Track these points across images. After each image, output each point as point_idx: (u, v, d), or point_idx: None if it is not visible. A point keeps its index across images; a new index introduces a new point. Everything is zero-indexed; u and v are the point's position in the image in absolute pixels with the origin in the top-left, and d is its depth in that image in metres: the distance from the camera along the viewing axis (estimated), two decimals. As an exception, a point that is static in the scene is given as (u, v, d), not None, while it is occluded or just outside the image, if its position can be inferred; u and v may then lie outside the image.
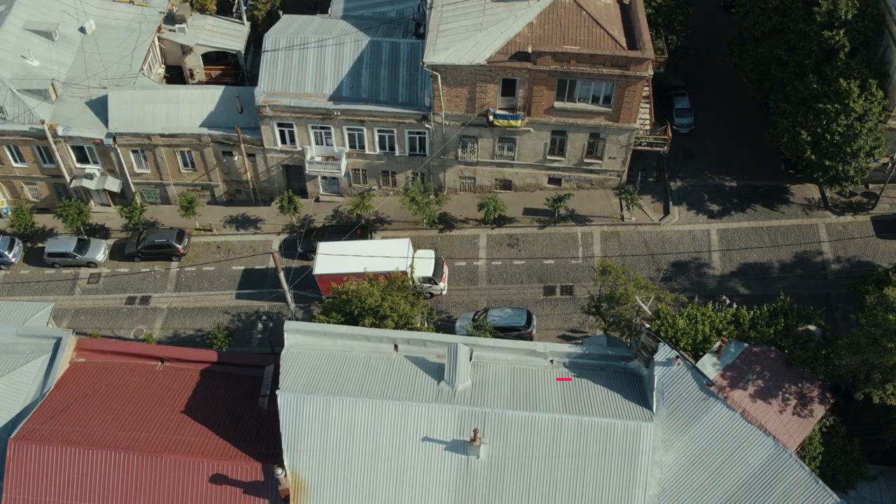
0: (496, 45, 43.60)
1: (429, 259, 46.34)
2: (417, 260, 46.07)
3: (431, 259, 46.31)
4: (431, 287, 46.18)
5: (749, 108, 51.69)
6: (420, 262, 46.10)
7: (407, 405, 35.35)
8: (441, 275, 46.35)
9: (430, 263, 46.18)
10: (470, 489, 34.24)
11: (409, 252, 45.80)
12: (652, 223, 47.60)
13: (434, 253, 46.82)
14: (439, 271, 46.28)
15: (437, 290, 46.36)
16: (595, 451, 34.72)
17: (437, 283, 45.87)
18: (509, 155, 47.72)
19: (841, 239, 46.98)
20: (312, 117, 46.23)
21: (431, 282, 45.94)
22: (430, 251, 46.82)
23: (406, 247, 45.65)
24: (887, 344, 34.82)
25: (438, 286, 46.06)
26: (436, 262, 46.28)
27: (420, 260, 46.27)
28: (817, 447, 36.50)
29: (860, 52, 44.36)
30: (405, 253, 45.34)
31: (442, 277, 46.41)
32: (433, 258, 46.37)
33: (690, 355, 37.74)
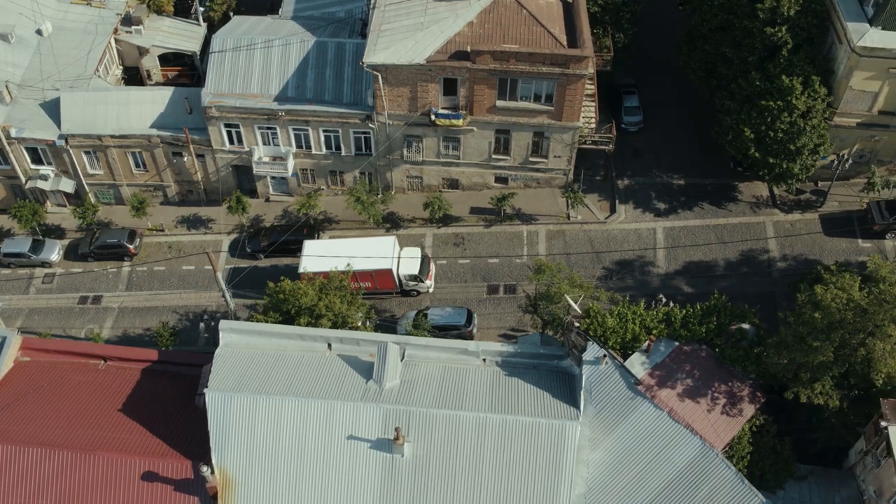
0: (436, 44, 43.35)
1: (415, 257, 45.91)
2: (403, 258, 45.67)
3: (417, 257, 45.88)
4: (418, 285, 45.77)
5: (699, 106, 51.00)
6: (406, 260, 45.70)
7: (333, 404, 35.37)
8: (427, 272, 46.00)
9: (416, 261, 45.78)
10: (394, 487, 34.20)
11: (395, 250, 45.54)
12: (598, 222, 47.16)
13: (420, 251, 46.39)
14: (425, 269, 45.92)
15: (424, 287, 46.00)
16: (520, 450, 34.53)
17: (424, 280, 45.55)
18: (455, 154, 47.45)
19: (789, 237, 46.35)
20: (258, 118, 46.13)
21: (417, 279, 45.51)
22: (416, 249, 46.47)
23: (392, 245, 45.41)
24: (813, 343, 34.28)
25: (425, 284, 45.73)
26: (422, 260, 45.89)
27: (406, 258, 45.84)
28: (746, 446, 35.98)
29: (803, 48, 43.74)
30: (391, 251, 45.11)
31: (428, 275, 46.04)
32: (419, 256, 45.93)
33: (620, 354, 37.36)
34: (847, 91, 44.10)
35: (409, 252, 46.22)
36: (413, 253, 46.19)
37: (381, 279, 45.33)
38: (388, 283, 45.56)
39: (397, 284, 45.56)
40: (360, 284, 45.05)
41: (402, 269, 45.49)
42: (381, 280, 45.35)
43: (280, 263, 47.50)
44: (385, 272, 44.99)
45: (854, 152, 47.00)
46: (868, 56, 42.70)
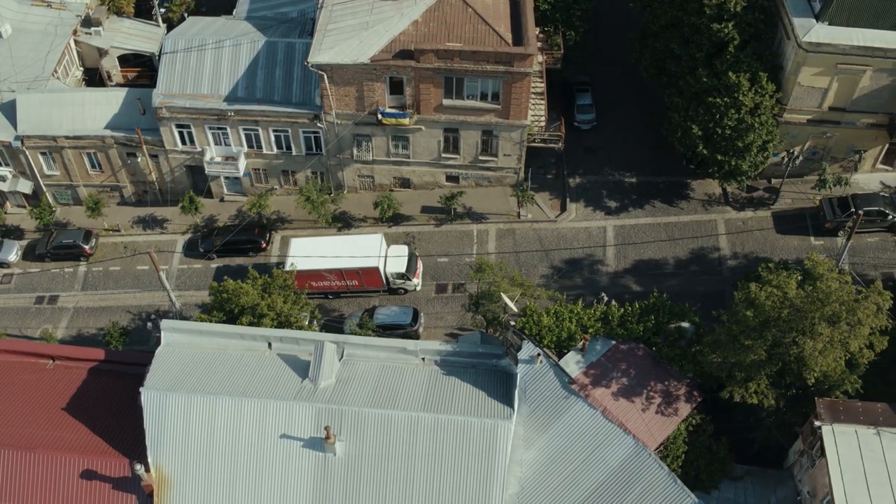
0: (380, 43, 43.00)
1: (402, 255, 45.25)
2: (390, 256, 45.03)
3: (405, 255, 45.23)
4: (405, 283, 45.14)
5: (653, 104, 50.28)
6: (393, 258, 45.09)
7: (266, 403, 35.03)
8: (415, 271, 45.44)
9: (404, 259, 45.11)
10: (327, 486, 33.87)
11: (383, 248, 44.99)
12: (548, 220, 46.64)
13: (407, 249, 45.74)
14: (413, 267, 45.31)
15: (411, 286, 45.41)
16: (452, 450, 34.06)
17: (411, 279, 45.04)
18: (404, 153, 47.06)
19: (740, 234, 45.70)
20: (208, 118, 45.95)
21: (405, 278, 44.85)
22: (403, 247, 45.82)
23: (379, 243, 44.85)
24: (745, 341, 33.74)
25: (412, 282, 45.19)
26: (409, 258, 45.25)
27: (393, 255, 45.19)
28: (681, 446, 35.50)
29: (751, 44, 43.03)
30: (378, 249, 44.53)
31: (416, 273, 45.44)
32: (406, 254, 45.28)
33: (555, 353, 36.96)
34: (796, 87, 43.35)
35: (396, 250, 45.55)
36: (400, 251, 45.47)
37: (367, 277, 44.71)
38: (374, 281, 44.91)
39: (384, 282, 45.08)
40: (346, 282, 44.92)
41: (389, 268, 44.80)
42: (368, 278, 44.74)
43: (233, 263, 47.39)
44: (372, 270, 44.33)
45: (806, 149, 46.25)
46: (815, 52, 41.95)
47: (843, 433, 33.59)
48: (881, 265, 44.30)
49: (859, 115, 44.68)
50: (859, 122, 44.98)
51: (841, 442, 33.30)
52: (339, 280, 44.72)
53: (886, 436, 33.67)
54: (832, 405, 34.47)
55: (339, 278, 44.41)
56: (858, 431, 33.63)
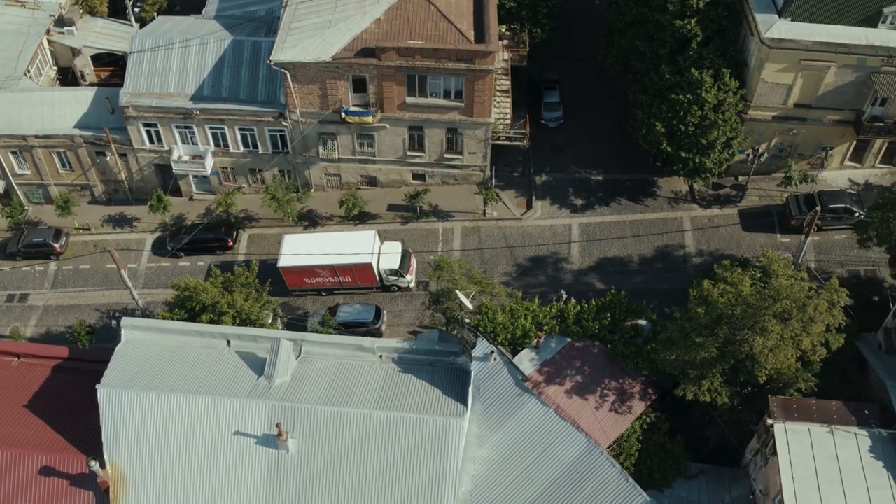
0: (343, 41, 42.81)
1: (395, 251, 44.66)
2: (384, 252, 44.45)
3: (398, 251, 44.66)
4: (398, 280, 44.61)
5: (621, 102, 49.77)
6: (386, 255, 44.48)
7: (220, 400, 35.06)
8: (408, 267, 44.91)
9: (397, 256, 44.56)
10: (280, 483, 33.83)
11: (376, 244, 44.54)
12: (513, 218, 46.38)
13: (401, 245, 45.15)
14: (406, 264, 44.74)
15: (405, 282, 44.87)
16: (405, 447, 33.96)
17: (405, 275, 44.50)
18: (370, 151, 46.87)
19: (706, 232, 45.32)
20: (174, 117, 45.91)
21: (398, 274, 44.31)
22: (396, 244, 45.24)
23: (372, 239, 44.41)
24: (696, 339, 33.42)
25: (405, 279, 44.67)
26: (403, 254, 44.68)
27: (386, 252, 44.60)
28: (634, 444, 35.20)
29: (714, 41, 42.65)
30: (371, 245, 44.08)
31: (409, 270, 44.94)
32: (400, 251, 44.70)
33: (509, 350, 36.74)
34: (760, 84, 42.98)
35: (389, 246, 44.97)
36: (394, 247, 44.85)
37: (360, 274, 44.28)
38: (368, 277, 44.48)
39: (378, 279, 44.68)
40: (340, 279, 44.53)
41: (382, 264, 44.24)
42: (362, 275, 44.31)
43: (200, 261, 47.36)
44: (365, 266, 43.87)
45: (773, 146, 45.84)
46: (778, 48, 41.55)
47: (796, 431, 33.23)
48: (847, 262, 43.87)
49: (825, 112, 44.26)
50: (825, 118, 44.56)
51: (793, 440, 32.94)
52: (332, 277, 44.15)
53: (840, 434, 33.30)
54: (786, 403, 34.11)
55: (333, 275, 43.86)
56: (811, 429, 33.26)
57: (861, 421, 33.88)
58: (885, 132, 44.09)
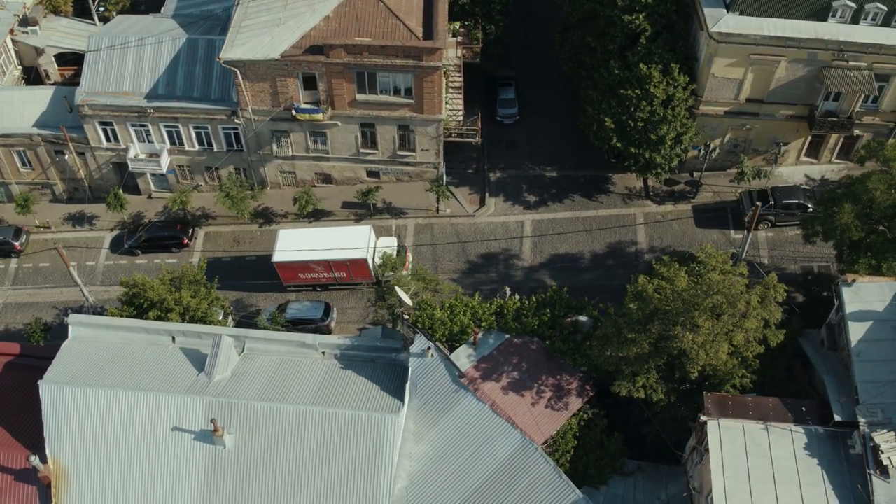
0: (292, 39, 42.65)
1: (390, 247, 44.16)
2: (379, 248, 43.91)
3: (393, 247, 44.21)
4: (394, 276, 43.17)
5: (576, 98, 49.00)
6: (382, 250, 43.74)
7: (158, 396, 35.16)
8: (404, 263, 44.37)
9: (392, 251, 44.20)
10: (218, 478, 33.85)
11: (371, 240, 43.99)
12: (466, 215, 46.10)
13: (396, 241, 44.75)
14: (402, 259, 44.27)
15: None
16: (341, 443, 33.92)
17: (400, 270, 43.64)
18: (323, 149, 46.69)
19: (659, 228, 44.86)
20: (129, 115, 45.90)
21: (393, 269, 43.31)
22: (392, 239, 44.81)
23: (368, 234, 43.87)
24: (628, 334, 33.07)
25: (402, 275, 43.36)
26: (398, 250, 44.33)
27: (382, 248, 44.01)
28: (570, 441, 34.85)
29: (663, 36, 42.20)
30: (367, 241, 43.52)
31: (405, 266, 44.33)
32: (395, 246, 44.25)
33: (447, 347, 36.49)
34: (710, 79, 42.46)
35: (385, 242, 44.49)
36: (389, 243, 44.44)
37: (356, 269, 43.77)
38: (363, 273, 43.98)
39: (373, 275, 44.09)
40: (335, 275, 44.07)
41: (377, 259, 43.62)
42: (357, 270, 43.81)
43: (158, 259, 47.39)
44: (360, 262, 43.32)
45: (727, 141, 45.33)
46: (726, 42, 41.03)
47: (730, 428, 32.74)
48: (801, 258, 43.35)
49: (778, 107, 43.71)
50: (778, 113, 44.01)
51: (726, 437, 32.47)
52: (326, 272, 43.67)
53: (775, 431, 32.83)
54: (721, 400, 33.68)
55: (328, 270, 43.35)
56: (746, 426, 32.78)
57: (798, 418, 33.41)
58: (838, 127, 43.49)
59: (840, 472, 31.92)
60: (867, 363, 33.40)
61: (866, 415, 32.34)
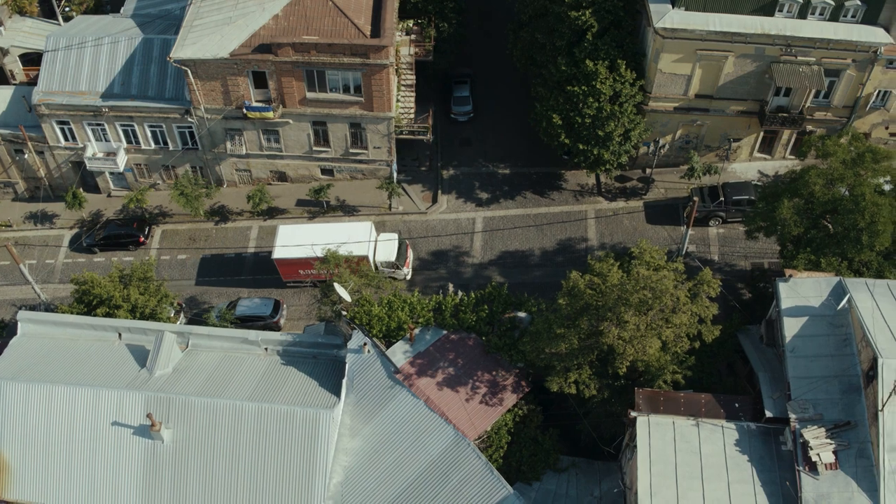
0: (241, 38, 42.85)
1: (392, 243, 43.95)
2: (380, 243, 43.71)
3: (395, 243, 43.91)
4: (395, 272, 43.72)
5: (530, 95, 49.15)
6: (383, 246, 43.94)
7: (98, 391, 35.65)
8: (405, 259, 44.09)
9: (394, 247, 44.06)
10: (156, 472, 34.37)
11: (372, 236, 43.73)
12: (418, 212, 46.23)
13: (398, 237, 44.44)
14: (403, 255, 43.96)
15: (401, 275, 44.31)
16: (277, 438, 34.26)
17: (401, 267, 43.74)
18: (277, 147, 46.90)
19: (610, 225, 44.76)
20: (85, 114, 46.27)
21: (395, 266, 43.67)
22: (393, 234, 44.53)
23: (368, 230, 43.63)
24: (558, 330, 33.06)
25: (402, 271, 43.85)
26: (399, 245, 43.97)
27: (383, 243, 43.96)
28: (504, 436, 34.90)
29: (610, 32, 42.11)
30: (367, 237, 43.19)
31: (406, 262, 44.05)
32: (396, 242, 43.92)
33: (384, 343, 36.62)
34: (658, 74, 42.35)
35: (386, 238, 44.20)
36: (390, 239, 44.09)
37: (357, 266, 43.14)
38: None
39: (374, 271, 43.39)
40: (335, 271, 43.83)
41: (378, 256, 43.63)
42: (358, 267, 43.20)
43: (114, 257, 47.77)
44: (361, 259, 42.63)
45: (679, 138, 45.18)
46: (672, 38, 40.90)
47: (659, 424, 32.67)
48: (751, 255, 43.17)
49: (728, 103, 43.51)
50: (729, 109, 43.79)
51: (655, 433, 32.40)
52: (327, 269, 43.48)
53: (705, 427, 32.71)
54: (653, 396, 33.61)
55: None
56: (676, 422, 32.71)
57: (730, 414, 33.31)
58: (789, 123, 43.27)
59: (770, 469, 31.83)
60: (801, 359, 33.24)
61: (797, 411, 32.22)
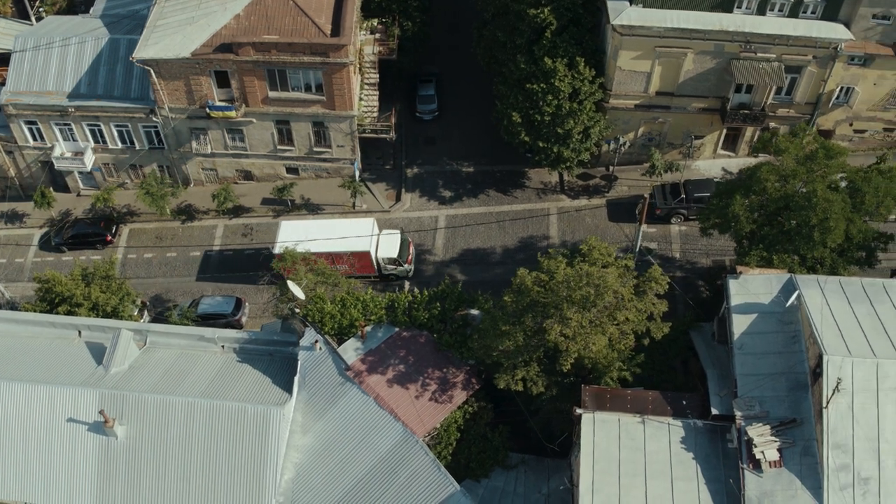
0: (202, 38, 43.29)
1: (394, 239, 44.18)
2: (383, 239, 43.70)
3: (397, 239, 43.98)
4: (397, 269, 43.70)
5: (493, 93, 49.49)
6: (385, 243, 43.99)
7: (54, 389, 36.09)
8: (408, 256, 44.09)
9: (396, 244, 44.01)
10: (111, 469, 34.81)
11: (375, 232, 43.74)
12: (382, 210, 46.49)
13: (400, 233, 44.45)
14: (405, 252, 43.95)
15: (403, 271, 44.32)
16: (228, 435, 34.56)
17: (403, 264, 43.75)
18: (242, 146, 47.28)
19: (572, 222, 44.80)
20: (52, 114, 46.83)
21: (397, 263, 43.67)
22: (395, 232, 44.54)
23: (371, 226, 43.75)
24: (503, 327, 33.19)
25: (404, 268, 43.86)
26: (402, 242, 43.94)
27: (385, 240, 44.11)
28: (453, 433, 35.05)
29: (569, 30, 42.18)
30: (370, 233, 43.23)
31: (409, 259, 44.03)
32: (399, 238, 43.95)
33: (336, 340, 36.86)
34: (617, 71, 42.43)
35: (388, 234, 44.19)
36: (393, 235, 44.12)
37: (359, 262, 43.50)
38: (366, 266, 43.89)
39: (376, 268, 43.98)
40: (337, 267, 43.69)
41: (381, 252, 43.68)
42: (360, 263, 43.50)
43: (82, 256, 48.32)
44: (363, 255, 43.23)
45: (641, 135, 45.23)
46: (630, 35, 40.98)
47: (605, 421, 32.72)
48: (713, 252, 43.15)
49: (689, 100, 43.53)
50: (690, 106, 43.80)
51: (600, 430, 32.46)
52: (329, 264, 43.00)
53: (651, 425, 32.76)
54: (599, 393, 33.65)
55: (330, 263, 42.88)
56: (622, 420, 32.81)
57: (678, 411, 33.30)
58: (751, 120, 43.23)
59: (716, 467, 31.83)
60: (749, 356, 33.23)
61: (743, 408, 32.22)
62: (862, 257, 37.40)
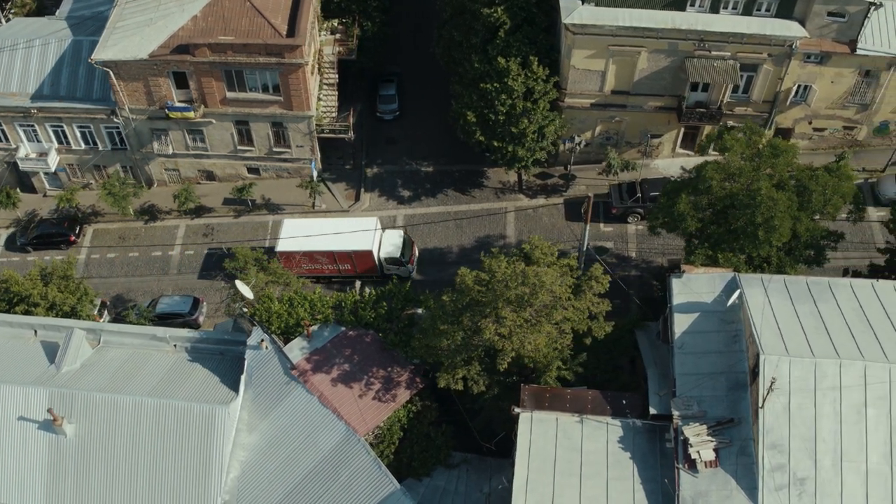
0: (160, 39, 43.77)
1: (397, 239, 44.30)
2: (385, 239, 44.04)
3: (400, 239, 44.26)
4: (399, 269, 43.82)
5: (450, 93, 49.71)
6: (387, 243, 44.14)
7: (4, 387, 36.67)
8: (410, 255, 44.24)
9: (398, 243, 44.08)
10: (60, 467, 35.34)
11: (377, 231, 43.89)
12: (341, 210, 46.91)
13: (403, 233, 44.62)
14: (408, 252, 44.07)
15: (405, 272, 44.36)
16: (175, 433, 35.06)
17: (405, 264, 43.91)
18: (203, 146, 47.78)
19: (529, 222, 45.04)
20: (15, 115, 47.54)
21: (399, 263, 43.74)
22: (398, 231, 44.76)
23: (374, 226, 43.92)
24: (441, 326, 33.47)
25: (407, 268, 44.02)
26: (404, 242, 44.09)
27: (388, 239, 44.24)
28: (396, 432, 35.41)
29: (523, 29, 42.40)
30: (372, 232, 43.35)
31: (411, 259, 44.17)
32: (401, 238, 44.09)
33: (283, 339, 37.30)
34: (571, 70, 42.61)
35: (390, 234, 44.38)
36: (395, 234, 44.30)
37: (360, 261, 43.65)
38: (368, 265, 44.00)
39: (378, 267, 44.11)
40: (339, 266, 44.18)
41: (383, 252, 43.80)
42: (361, 262, 43.66)
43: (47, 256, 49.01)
44: (365, 254, 43.25)
45: (598, 134, 45.39)
46: (583, 33, 41.14)
47: (542, 421, 32.94)
48: (669, 251, 43.25)
49: (645, 99, 43.66)
50: (646, 105, 43.92)
51: (536, 429, 32.68)
52: (330, 263, 43.46)
53: (589, 424, 32.93)
54: (539, 392, 33.84)
55: (331, 261, 43.10)
56: (560, 419, 33.02)
57: (617, 411, 33.45)
58: (707, 118, 43.31)
59: (653, 467, 31.96)
60: (689, 355, 33.36)
61: (681, 408, 32.33)
62: (811, 256, 37.49)
